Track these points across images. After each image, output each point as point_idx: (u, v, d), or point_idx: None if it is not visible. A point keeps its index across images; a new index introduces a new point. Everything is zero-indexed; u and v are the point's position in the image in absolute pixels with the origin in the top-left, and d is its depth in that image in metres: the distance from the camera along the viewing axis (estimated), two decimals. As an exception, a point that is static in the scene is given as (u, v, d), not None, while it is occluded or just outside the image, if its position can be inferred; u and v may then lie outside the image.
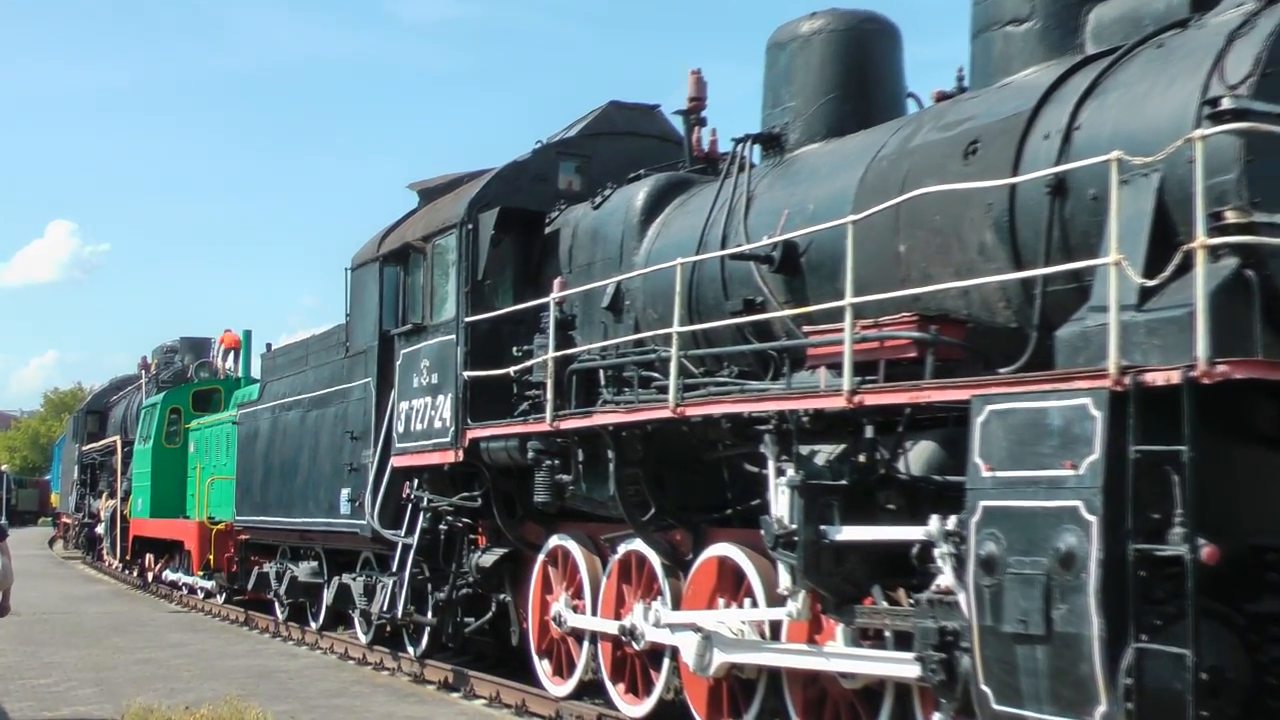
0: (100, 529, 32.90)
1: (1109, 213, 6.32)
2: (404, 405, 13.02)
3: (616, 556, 10.67)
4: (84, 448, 35.61)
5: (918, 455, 7.62)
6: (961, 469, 6.67)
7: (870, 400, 7.34)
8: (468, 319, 11.95)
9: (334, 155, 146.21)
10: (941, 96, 8.86)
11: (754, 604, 8.99)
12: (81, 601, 22.99)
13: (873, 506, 7.69)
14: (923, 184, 7.67)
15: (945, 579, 6.89)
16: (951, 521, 6.83)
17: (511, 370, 11.19)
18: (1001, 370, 7.20)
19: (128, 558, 28.39)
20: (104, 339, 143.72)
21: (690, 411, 8.88)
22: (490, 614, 12.61)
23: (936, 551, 6.94)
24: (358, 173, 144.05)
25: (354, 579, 14.92)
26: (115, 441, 31.29)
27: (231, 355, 27.95)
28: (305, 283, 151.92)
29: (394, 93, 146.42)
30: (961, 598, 6.67)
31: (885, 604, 7.62)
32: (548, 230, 12.27)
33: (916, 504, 7.47)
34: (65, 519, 42.97)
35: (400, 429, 13.08)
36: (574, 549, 11.25)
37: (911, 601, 7.35)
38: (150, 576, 26.69)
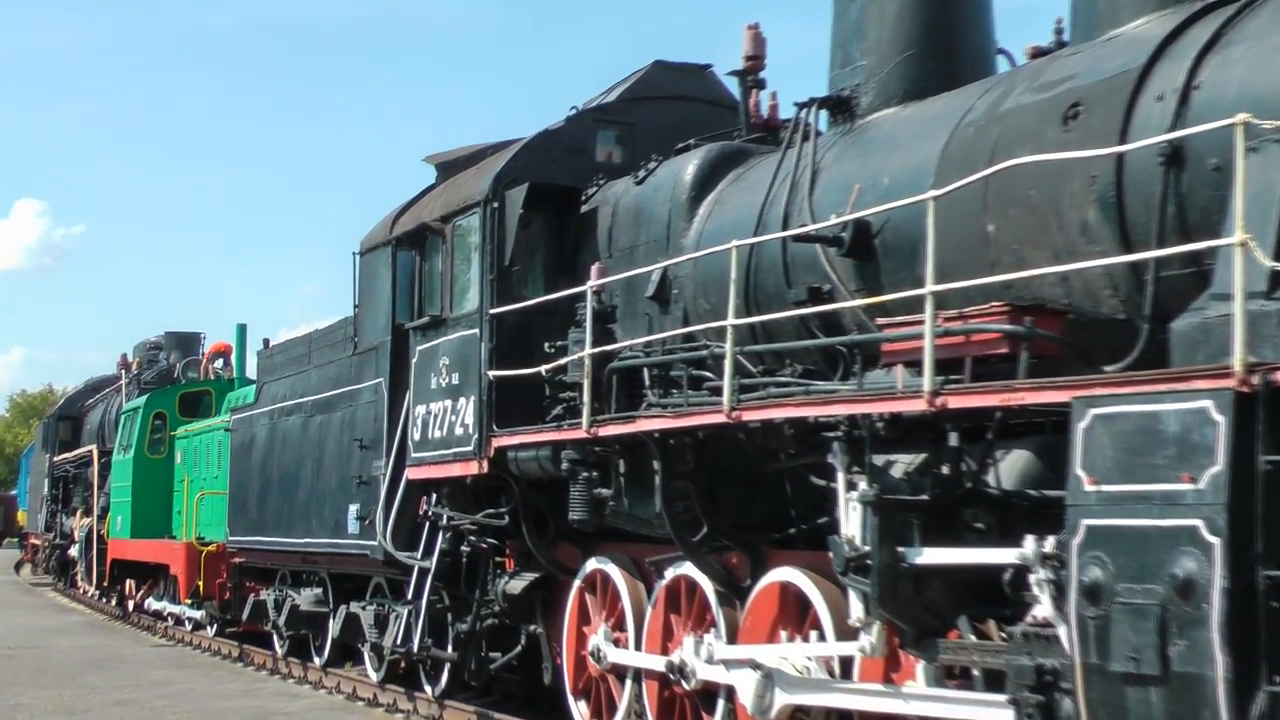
0: (74, 551, 33.21)
1: (1234, 185, 6.27)
2: (420, 409, 13.08)
3: (663, 582, 10.69)
4: (55, 458, 35.96)
5: (1010, 466, 7.59)
6: (1061, 482, 6.64)
7: (955, 403, 7.32)
8: (493, 311, 12.00)
9: (339, 125, 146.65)
10: (1037, 53, 8.83)
11: (821, 637, 8.99)
12: (52, 634, 23.22)
13: (958, 525, 7.67)
14: (1015, 154, 7.65)
15: (1043, 609, 6.87)
16: (1050, 543, 6.80)
17: (543, 369, 11.23)
18: (1107, 368, 7.17)
19: (105, 584, 28.65)
20: (78, 334, 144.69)
21: (748, 416, 8.89)
22: (519, 648, 12.66)
23: (1032, 578, 6.91)
24: (367, 145, 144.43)
25: (363, 608, 15.00)
26: (91, 451, 31.59)
27: (221, 359, 28.18)
28: (307, 270, 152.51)
29: (408, 53, 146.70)
30: (1062, 631, 6.65)
31: (973, 638, 7.60)
32: (584, 209, 12.30)
33: (1009, 523, 7.44)
34: (34, 540, 43.38)
35: (416, 436, 13.15)
36: (615, 574, 11.28)
37: (1003, 635, 7.32)
38: (131, 605, 26.93)
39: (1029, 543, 6.93)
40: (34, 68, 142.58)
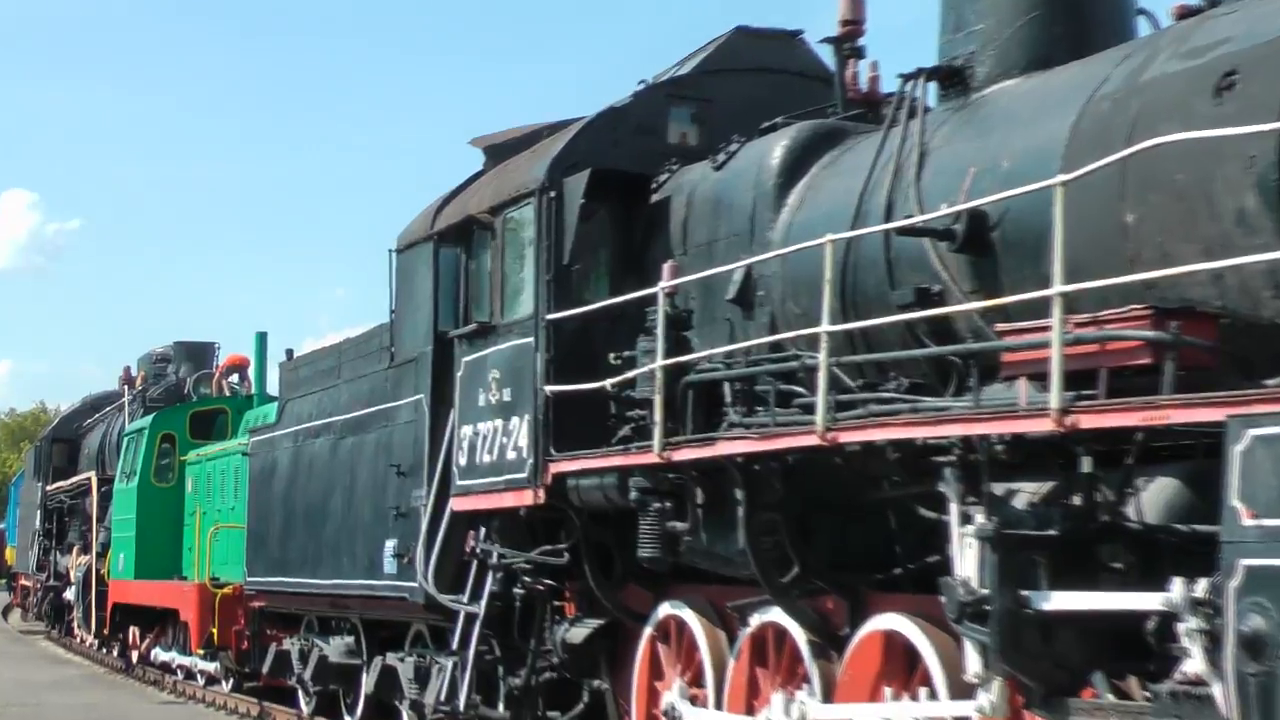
0: (70, 594, 33.55)
1: None
2: (467, 430, 13.15)
3: (748, 631, 10.70)
4: (48, 487, 36.37)
5: (1153, 497, 7.55)
6: (1214, 516, 6.60)
7: (1088, 422, 7.29)
8: (550, 316, 12.05)
9: (374, 104, 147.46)
10: (1185, 13, 8.77)
11: (932, 695, 8.97)
12: (46, 689, 23.44)
13: (1092, 566, 7.65)
14: (1159, 131, 7.61)
15: (1194, 664, 6.83)
16: (1201, 586, 6.77)
17: (608, 383, 11.27)
18: (1269, 382, 7.11)
19: (106, 632, 28.91)
20: (74, 344, 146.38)
21: (845, 438, 8.89)
22: (581, 706, 12.70)
23: (1181, 627, 6.88)
24: (405, 126, 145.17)
25: (401, 659, 15.08)
26: (89, 479, 31.92)
27: (238, 374, 28.43)
28: (337, 270, 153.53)
29: (453, 22, 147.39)
30: (1217, 690, 6.62)
31: (1111, 697, 7.57)
32: (655, 199, 12.34)
33: (1152, 563, 7.41)
34: (24, 581, 43.86)
35: (462, 461, 13.21)
36: (691, 620, 11.29)
37: (1147, 695, 7.29)
38: (135, 656, 27.17)
39: (1177, 586, 6.90)
40: (24, 42, 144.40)
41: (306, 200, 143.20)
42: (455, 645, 13.54)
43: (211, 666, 22.92)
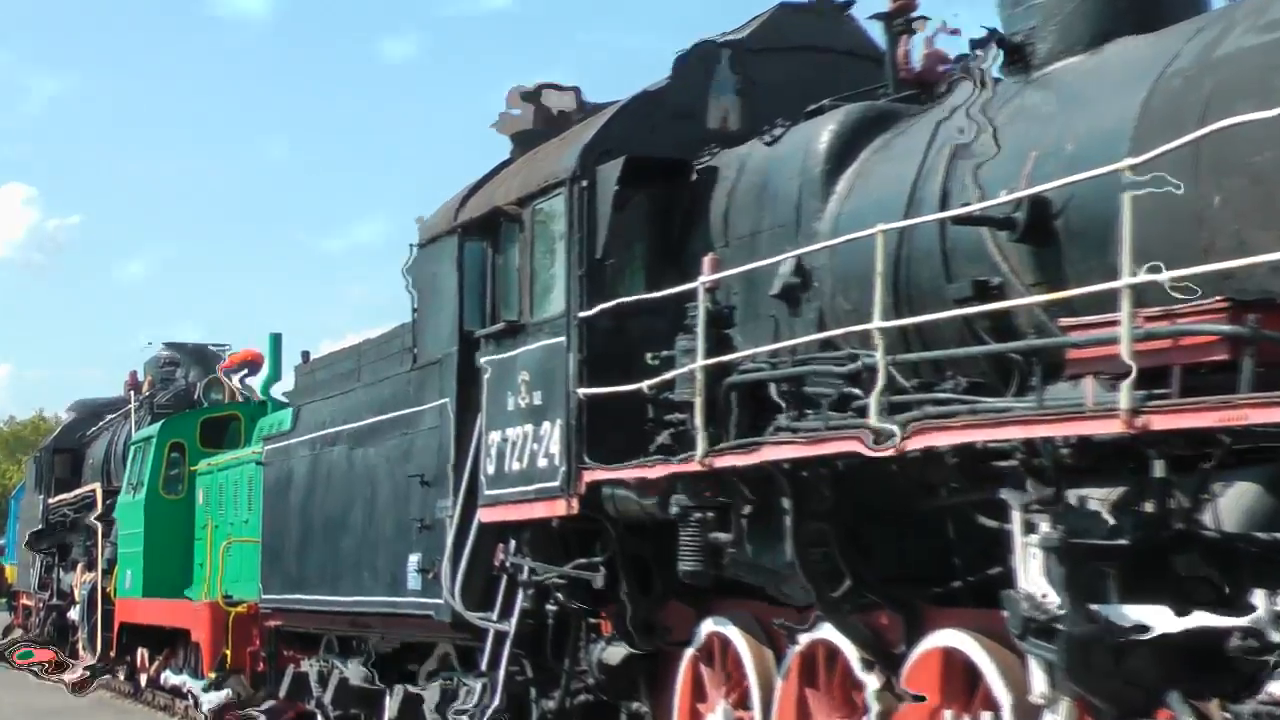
0: (74, 614, 33.67)
1: None
2: (494, 436, 13.16)
3: (797, 649, 10.69)
4: (50, 500, 36.47)
5: (1233, 503, 7.53)
6: (1299, 522, 6.58)
7: (1160, 423, 7.27)
8: (583, 314, 12.06)
9: (391, 89, 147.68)
10: (1261, -17, 8.75)
11: (996, 717, 8.95)
12: (49, 716, 23.56)
13: (1168, 577, 7.62)
14: (1235, 110, 7.58)
15: (1279, 684, 6.80)
16: (1285, 599, 6.75)
17: (645, 385, 11.26)
18: (1356, 379, 7.08)
19: (112, 654, 29.01)
20: (75, 347, 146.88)
21: (900, 442, 8.86)
22: (619, 731, 12.70)
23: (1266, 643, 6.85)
24: (424, 112, 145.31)
25: (424, 688, 15.08)
26: (94, 491, 32.02)
27: (248, 369, 28.45)
28: (354, 267, 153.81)
29: (468, 6, 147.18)
30: (1302, 709, 6.59)
31: (1189, 718, 7.54)
32: (693, 187, 12.32)
33: (1233, 574, 7.39)
34: (25, 600, 44.00)
35: (490, 470, 13.22)
36: (736, 638, 11.30)
37: (1228, 716, 7.26)
38: (144, 679, 27.25)
39: (1260, 600, 6.88)
40: (22, 29, 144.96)
41: (321, 192, 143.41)
42: (484, 666, 13.55)
43: (221, 695, 22.87)
